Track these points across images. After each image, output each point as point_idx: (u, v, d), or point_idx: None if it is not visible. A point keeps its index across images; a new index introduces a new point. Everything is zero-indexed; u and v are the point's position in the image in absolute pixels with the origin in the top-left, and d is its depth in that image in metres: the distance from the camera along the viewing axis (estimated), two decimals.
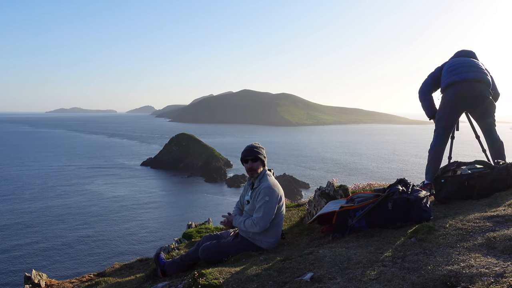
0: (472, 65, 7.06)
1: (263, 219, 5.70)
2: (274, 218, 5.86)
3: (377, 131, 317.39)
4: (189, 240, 9.33)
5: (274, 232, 5.92)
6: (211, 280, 3.99)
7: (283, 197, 6.12)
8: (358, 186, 7.84)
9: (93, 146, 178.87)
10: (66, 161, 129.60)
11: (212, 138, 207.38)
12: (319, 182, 71.02)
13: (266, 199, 5.74)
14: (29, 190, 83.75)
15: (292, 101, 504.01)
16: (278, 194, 5.91)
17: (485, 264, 3.07)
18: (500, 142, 7.01)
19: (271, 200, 5.76)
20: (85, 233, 55.94)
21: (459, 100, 6.98)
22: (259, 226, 5.69)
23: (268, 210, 5.72)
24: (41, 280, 7.83)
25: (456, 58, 7.38)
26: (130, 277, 7.00)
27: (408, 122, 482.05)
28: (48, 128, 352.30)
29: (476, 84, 6.88)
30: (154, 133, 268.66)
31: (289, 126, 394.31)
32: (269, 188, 5.82)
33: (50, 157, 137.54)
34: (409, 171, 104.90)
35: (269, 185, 5.85)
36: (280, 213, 5.97)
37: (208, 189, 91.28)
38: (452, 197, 5.75)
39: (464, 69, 6.98)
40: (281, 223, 6.08)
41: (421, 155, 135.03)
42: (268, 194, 5.77)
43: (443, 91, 7.19)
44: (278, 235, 6.03)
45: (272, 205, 5.78)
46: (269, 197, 5.75)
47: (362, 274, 3.38)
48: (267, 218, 5.73)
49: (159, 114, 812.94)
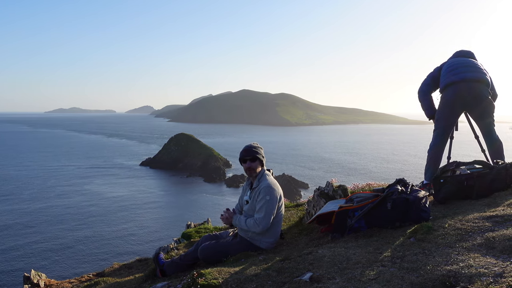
0: (471, 65, 7.05)
1: (265, 219, 5.70)
2: (274, 217, 5.87)
3: (376, 131, 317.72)
4: (188, 240, 9.33)
5: (273, 232, 5.92)
6: (210, 280, 3.99)
7: (282, 197, 6.12)
8: (357, 186, 7.83)
9: (92, 146, 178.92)
10: (65, 161, 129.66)
11: (211, 138, 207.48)
12: (318, 182, 71.02)
13: (267, 198, 5.74)
14: (28, 190, 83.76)
15: (291, 101, 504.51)
16: (278, 193, 5.91)
17: (484, 264, 3.07)
18: (499, 142, 7.02)
19: (272, 199, 5.77)
20: (84, 233, 55.97)
21: (458, 100, 6.97)
22: (262, 226, 5.69)
23: (270, 209, 5.73)
24: (40, 280, 7.83)
25: (455, 58, 7.37)
26: (129, 277, 6.99)
27: (407, 122, 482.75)
28: (47, 128, 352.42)
29: (475, 84, 6.88)
30: (153, 133, 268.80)
31: (288, 126, 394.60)
32: (269, 187, 5.82)
33: (49, 157, 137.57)
34: (408, 171, 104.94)
35: (269, 184, 5.86)
36: (279, 212, 5.98)
37: (207, 189, 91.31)
38: (451, 197, 5.75)
39: (463, 69, 6.97)
40: (280, 223, 6.09)
41: (420, 155, 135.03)
42: (269, 193, 5.77)
43: (442, 91, 7.18)
44: (277, 235, 6.03)
45: (273, 204, 5.79)
46: (270, 196, 5.76)
47: (361, 274, 3.38)
48: (269, 217, 5.74)
49: (158, 114, 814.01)
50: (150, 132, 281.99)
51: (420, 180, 7.62)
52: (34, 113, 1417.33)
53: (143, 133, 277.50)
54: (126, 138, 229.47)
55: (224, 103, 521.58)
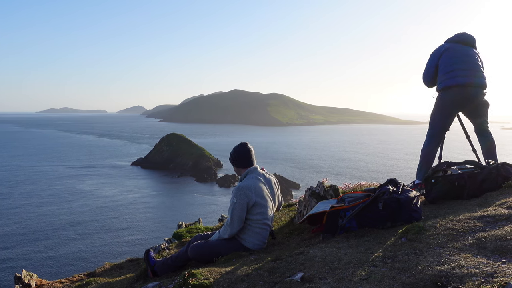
0: (471, 62, 6.98)
1: (232, 223, 5.65)
2: (259, 220, 5.78)
3: (367, 131, 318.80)
4: (179, 240, 9.32)
5: (259, 234, 5.81)
6: (201, 280, 3.98)
7: (267, 197, 5.92)
8: (348, 186, 7.82)
9: (83, 146, 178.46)
10: (56, 161, 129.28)
11: (203, 138, 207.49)
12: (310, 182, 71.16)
13: (233, 200, 5.66)
14: (18, 190, 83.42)
15: (282, 101, 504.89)
16: (248, 196, 5.69)
17: (475, 264, 3.07)
18: (492, 141, 7.04)
19: (239, 202, 5.64)
20: (75, 233, 55.82)
21: (456, 105, 6.96)
22: (229, 230, 5.67)
23: (236, 212, 5.63)
24: (32, 280, 7.80)
25: (456, 45, 7.24)
26: (121, 277, 6.96)
27: (398, 122, 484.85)
28: (38, 128, 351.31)
29: (473, 90, 6.83)
30: (144, 133, 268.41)
31: (279, 126, 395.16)
32: (238, 189, 5.71)
33: (40, 157, 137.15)
34: (399, 171, 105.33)
35: (239, 186, 5.75)
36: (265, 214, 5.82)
37: (199, 189, 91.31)
38: (443, 197, 5.76)
39: (462, 73, 6.87)
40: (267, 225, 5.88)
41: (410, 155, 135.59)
42: (236, 195, 5.67)
43: (440, 91, 7.13)
44: (265, 236, 5.94)
45: (241, 206, 5.64)
46: (237, 198, 5.65)
47: (352, 274, 3.38)
48: (236, 221, 5.64)
49: (149, 114, 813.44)
50: (141, 132, 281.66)
51: (411, 180, 7.63)
52: (25, 113, 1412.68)
53: (134, 133, 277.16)
54: (117, 138, 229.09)
55: (215, 103, 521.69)
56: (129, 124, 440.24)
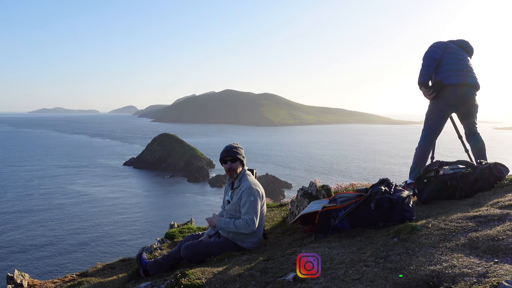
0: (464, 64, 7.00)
1: (256, 219, 5.75)
2: (261, 218, 5.91)
3: (359, 131, 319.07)
4: (171, 240, 9.32)
5: (257, 231, 5.91)
6: (193, 280, 3.98)
7: (264, 196, 6.12)
8: (340, 186, 7.83)
9: (75, 146, 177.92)
10: (48, 161, 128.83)
11: (195, 138, 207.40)
12: (302, 182, 71.20)
13: (251, 199, 5.75)
14: (11, 190, 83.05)
15: (274, 101, 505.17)
16: (260, 193, 5.93)
17: (467, 264, 3.07)
18: (482, 142, 7.09)
19: (256, 200, 5.80)
20: (67, 233, 55.66)
21: (450, 106, 6.99)
22: (252, 226, 5.71)
23: (257, 210, 5.77)
24: (24, 280, 7.79)
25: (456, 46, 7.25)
26: (113, 277, 6.95)
27: (390, 122, 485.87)
28: (30, 128, 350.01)
29: (467, 89, 6.89)
30: (136, 133, 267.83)
31: (272, 126, 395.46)
32: (251, 188, 5.84)
33: (32, 157, 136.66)
34: (391, 171, 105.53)
35: (250, 185, 5.88)
36: (261, 212, 5.98)
37: (191, 189, 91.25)
38: (435, 197, 5.77)
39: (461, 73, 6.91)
40: (263, 223, 6.09)
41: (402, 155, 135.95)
42: (252, 194, 5.79)
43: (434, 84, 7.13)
44: (260, 234, 6.03)
45: (258, 204, 5.83)
46: (254, 197, 5.78)
47: (344, 274, 3.37)
48: (257, 218, 5.79)
49: (141, 114, 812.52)
50: (133, 132, 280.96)
51: (403, 180, 7.64)
52: (17, 113, 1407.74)
53: (127, 133, 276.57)
54: (109, 138, 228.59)
55: (207, 103, 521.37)
56: (121, 124, 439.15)
